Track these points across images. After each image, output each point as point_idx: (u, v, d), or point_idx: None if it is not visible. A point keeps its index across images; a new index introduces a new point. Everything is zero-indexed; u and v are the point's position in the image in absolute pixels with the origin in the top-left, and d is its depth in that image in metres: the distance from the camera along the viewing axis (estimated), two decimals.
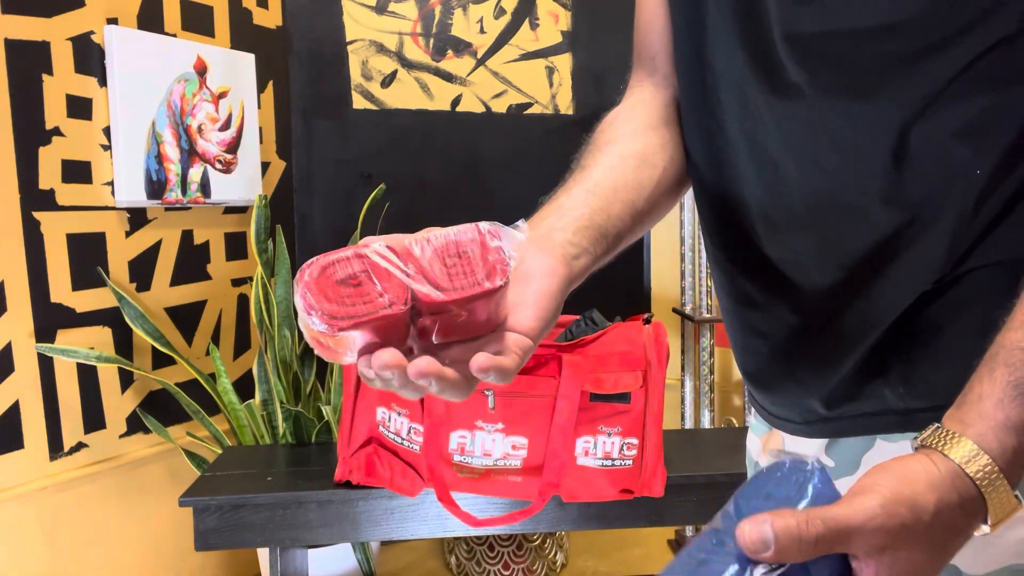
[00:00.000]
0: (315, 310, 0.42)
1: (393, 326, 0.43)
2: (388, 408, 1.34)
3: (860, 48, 0.50)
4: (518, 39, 2.13)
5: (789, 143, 0.55)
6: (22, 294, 1.67)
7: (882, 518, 0.39)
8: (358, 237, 1.96)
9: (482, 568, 2.14)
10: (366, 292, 0.42)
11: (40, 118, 1.69)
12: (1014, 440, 0.41)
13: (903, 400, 0.51)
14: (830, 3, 0.50)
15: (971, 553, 0.48)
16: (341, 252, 0.44)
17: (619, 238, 0.61)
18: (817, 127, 0.54)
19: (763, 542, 0.38)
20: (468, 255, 0.46)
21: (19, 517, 1.66)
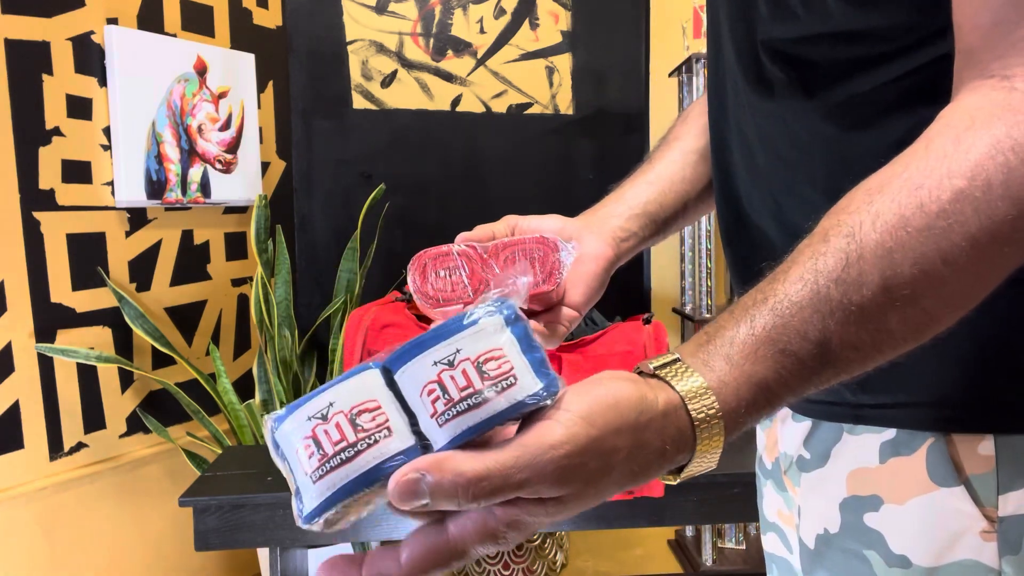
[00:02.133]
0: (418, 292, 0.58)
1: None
2: None
3: (821, 51, 0.54)
4: (518, 39, 2.13)
5: (761, 135, 0.61)
6: (22, 294, 1.67)
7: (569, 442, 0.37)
8: (358, 237, 1.96)
9: (482, 568, 2.14)
10: (456, 281, 0.58)
11: (40, 118, 1.69)
12: (750, 395, 0.41)
13: (855, 395, 0.54)
14: (802, 13, 0.54)
15: (923, 543, 0.52)
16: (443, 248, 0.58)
17: (668, 223, 0.70)
18: (781, 122, 0.58)
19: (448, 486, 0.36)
20: (535, 260, 0.59)
21: (19, 517, 1.66)
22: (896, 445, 0.53)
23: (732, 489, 1.42)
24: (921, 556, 0.53)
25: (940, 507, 0.52)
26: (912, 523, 0.53)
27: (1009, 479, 0.51)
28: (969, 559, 0.51)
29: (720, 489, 1.44)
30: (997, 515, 0.51)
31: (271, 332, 1.92)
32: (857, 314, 0.41)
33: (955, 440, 0.51)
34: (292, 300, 1.97)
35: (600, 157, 2.14)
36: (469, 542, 0.38)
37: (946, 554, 0.52)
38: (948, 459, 0.51)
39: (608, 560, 2.34)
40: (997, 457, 0.51)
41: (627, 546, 2.42)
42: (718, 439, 0.41)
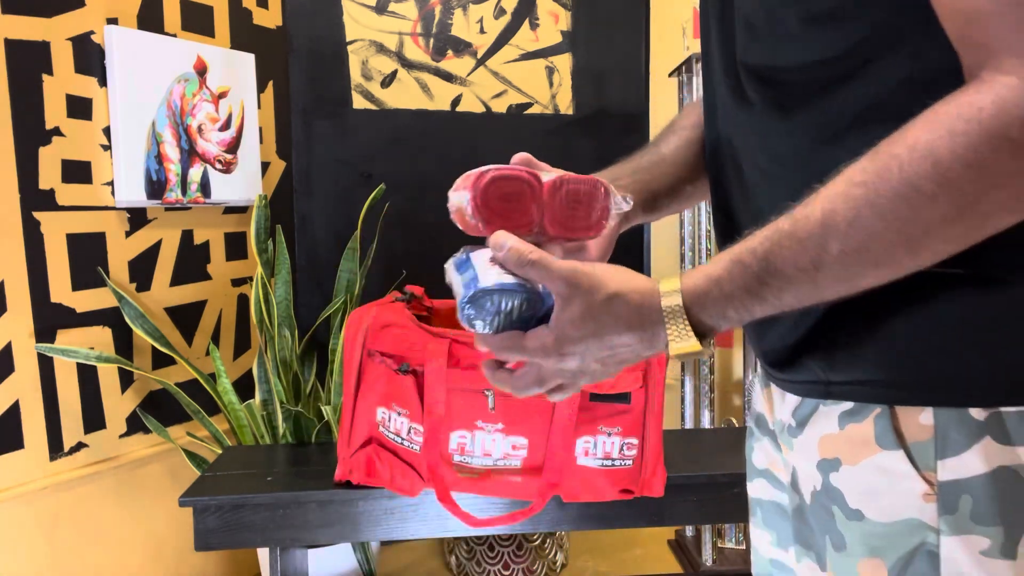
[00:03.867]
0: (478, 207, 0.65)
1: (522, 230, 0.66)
2: (388, 408, 1.33)
3: (791, 76, 0.62)
4: (518, 39, 2.13)
5: (744, 147, 0.69)
6: (22, 294, 1.67)
7: (569, 275, 0.60)
8: (358, 237, 1.96)
9: (482, 568, 2.14)
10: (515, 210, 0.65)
11: (40, 118, 1.69)
12: (705, 287, 0.58)
13: (826, 375, 0.63)
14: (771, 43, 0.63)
15: (874, 500, 0.61)
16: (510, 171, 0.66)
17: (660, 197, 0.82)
18: (761, 136, 0.66)
19: (500, 245, 0.62)
20: (585, 203, 0.67)
21: (19, 517, 1.66)
22: (852, 414, 0.62)
23: (732, 489, 1.42)
24: (872, 512, 0.61)
25: (886, 468, 0.60)
26: (864, 481, 0.61)
27: (947, 447, 0.57)
28: (913, 518, 0.59)
29: (720, 489, 1.44)
30: (937, 479, 0.58)
31: (271, 332, 1.92)
32: (800, 241, 0.53)
33: (898, 411, 0.59)
34: (292, 300, 1.97)
35: (600, 157, 2.13)
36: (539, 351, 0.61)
37: (892, 512, 0.60)
38: (891, 427, 0.59)
39: (608, 560, 2.34)
40: (936, 427, 0.58)
41: (627, 546, 2.42)
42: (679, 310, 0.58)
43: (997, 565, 0.57)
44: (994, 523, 0.57)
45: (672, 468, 1.38)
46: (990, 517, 0.57)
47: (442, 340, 1.28)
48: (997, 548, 0.57)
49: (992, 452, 0.57)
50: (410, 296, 1.47)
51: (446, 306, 1.56)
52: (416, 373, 1.29)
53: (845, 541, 0.63)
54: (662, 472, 1.35)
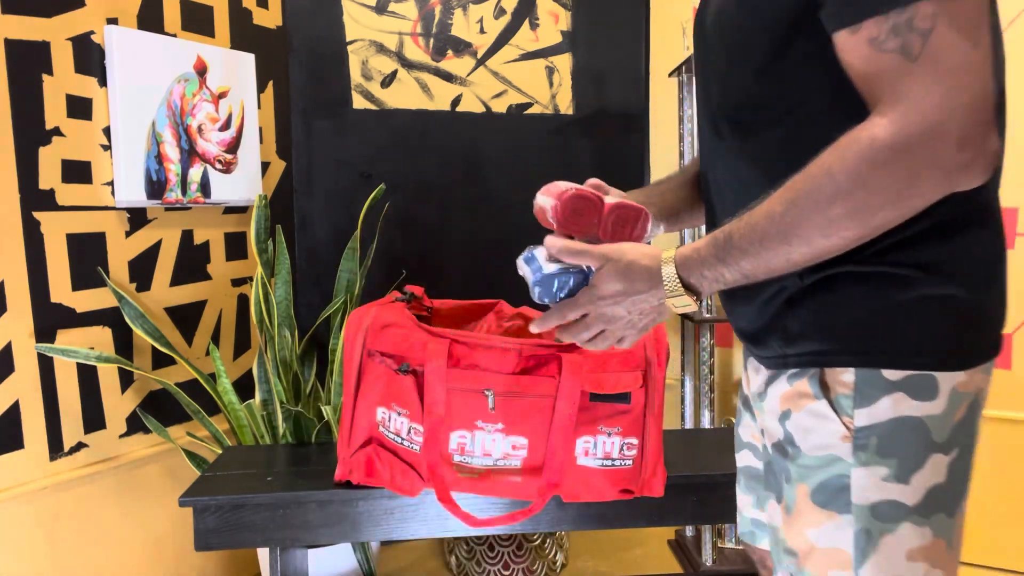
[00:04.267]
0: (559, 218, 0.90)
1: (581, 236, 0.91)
2: (388, 408, 1.33)
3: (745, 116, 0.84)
4: (518, 39, 2.14)
5: (722, 170, 0.91)
6: (22, 294, 1.67)
7: (601, 253, 0.84)
8: (358, 237, 1.96)
9: (482, 568, 2.14)
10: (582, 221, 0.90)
11: (40, 118, 1.69)
12: (689, 253, 0.81)
13: (783, 349, 0.85)
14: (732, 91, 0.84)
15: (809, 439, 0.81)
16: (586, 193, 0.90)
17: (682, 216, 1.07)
18: (729, 162, 0.88)
19: (554, 245, 0.85)
20: (631, 224, 0.92)
21: (19, 517, 1.66)
22: (797, 375, 0.83)
23: (732, 489, 1.41)
24: (806, 447, 0.82)
25: (817, 413, 0.81)
26: (803, 424, 0.82)
27: (863, 399, 0.78)
28: (833, 455, 0.80)
29: (720, 489, 1.44)
30: (853, 424, 0.79)
31: (271, 332, 1.92)
32: (751, 226, 0.75)
33: (828, 372, 0.80)
34: (292, 300, 1.97)
35: (600, 157, 2.14)
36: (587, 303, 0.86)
37: (819, 447, 0.81)
38: (821, 383, 0.81)
39: (608, 560, 2.34)
40: (855, 384, 0.78)
41: (627, 546, 2.42)
42: (672, 267, 0.81)
43: (892, 487, 0.78)
44: (893, 457, 0.77)
45: (672, 468, 1.38)
46: (890, 453, 0.77)
47: (442, 340, 1.28)
48: (893, 475, 0.78)
49: (896, 405, 0.77)
50: (410, 296, 1.47)
51: (446, 306, 1.56)
52: (416, 373, 1.29)
53: (791, 474, 0.84)
54: (662, 472, 1.35)
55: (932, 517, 0.78)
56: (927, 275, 0.76)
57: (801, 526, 0.82)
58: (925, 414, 0.77)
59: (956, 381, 0.77)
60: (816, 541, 0.81)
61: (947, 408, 0.77)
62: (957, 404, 0.77)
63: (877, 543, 0.78)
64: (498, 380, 1.27)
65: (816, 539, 0.81)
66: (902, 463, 0.77)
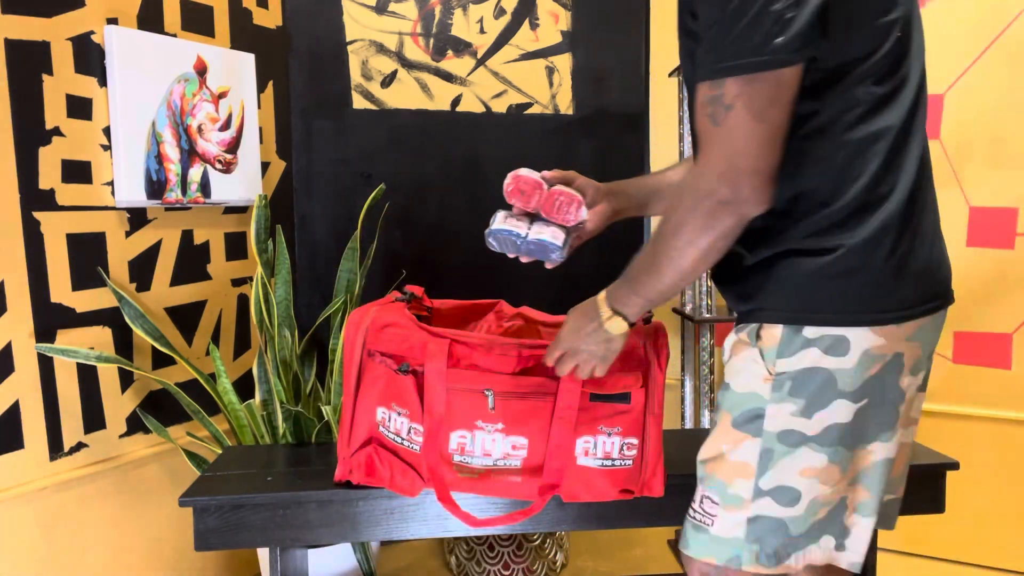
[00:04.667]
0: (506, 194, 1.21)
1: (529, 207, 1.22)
2: (388, 408, 1.33)
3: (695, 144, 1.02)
4: (518, 39, 2.14)
5: None
6: (22, 294, 1.67)
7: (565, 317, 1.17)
8: (358, 237, 1.96)
9: (482, 568, 2.14)
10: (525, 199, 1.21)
11: (40, 118, 1.69)
12: (612, 287, 1.08)
13: (737, 307, 1.07)
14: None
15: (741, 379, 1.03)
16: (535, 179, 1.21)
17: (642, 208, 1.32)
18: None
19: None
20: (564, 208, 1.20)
21: (19, 517, 1.66)
22: (742, 328, 1.05)
23: None
24: (736, 385, 1.04)
25: (749, 358, 1.02)
26: (738, 366, 1.04)
27: (785, 351, 0.98)
28: (755, 392, 1.01)
29: None
30: (775, 370, 0.99)
31: (271, 332, 1.92)
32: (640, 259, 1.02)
33: (764, 327, 1.01)
34: (292, 300, 1.97)
35: (600, 157, 2.14)
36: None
37: (746, 386, 1.02)
38: (757, 336, 1.02)
39: (608, 560, 2.34)
40: (781, 338, 0.98)
41: (627, 546, 2.42)
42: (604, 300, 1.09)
43: (797, 420, 0.98)
44: (801, 397, 0.98)
45: (672, 468, 1.38)
46: (799, 394, 0.98)
47: (442, 340, 1.28)
48: (799, 411, 0.98)
49: (811, 357, 0.96)
50: (410, 296, 1.47)
51: (446, 306, 1.56)
52: (416, 373, 1.29)
53: (720, 404, 1.07)
54: (662, 472, 1.35)
55: (829, 447, 0.99)
56: (838, 254, 0.94)
57: (718, 441, 1.04)
58: (835, 367, 0.96)
59: (869, 344, 0.95)
60: (727, 454, 1.03)
61: (858, 364, 0.96)
62: (869, 363, 0.96)
63: (776, 461, 1.00)
64: (498, 380, 1.27)
65: (727, 452, 1.03)
66: (809, 403, 0.97)
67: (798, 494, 1.00)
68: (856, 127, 0.93)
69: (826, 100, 0.92)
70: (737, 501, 1.02)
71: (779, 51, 0.84)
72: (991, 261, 2.21)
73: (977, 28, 2.16)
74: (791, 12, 0.83)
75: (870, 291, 0.95)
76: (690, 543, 1.07)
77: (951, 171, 2.24)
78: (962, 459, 1.55)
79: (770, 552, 1.02)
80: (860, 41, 0.90)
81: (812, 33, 0.85)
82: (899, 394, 1.00)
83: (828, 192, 0.94)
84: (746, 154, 0.88)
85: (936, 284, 1.02)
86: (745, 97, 0.86)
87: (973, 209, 2.23)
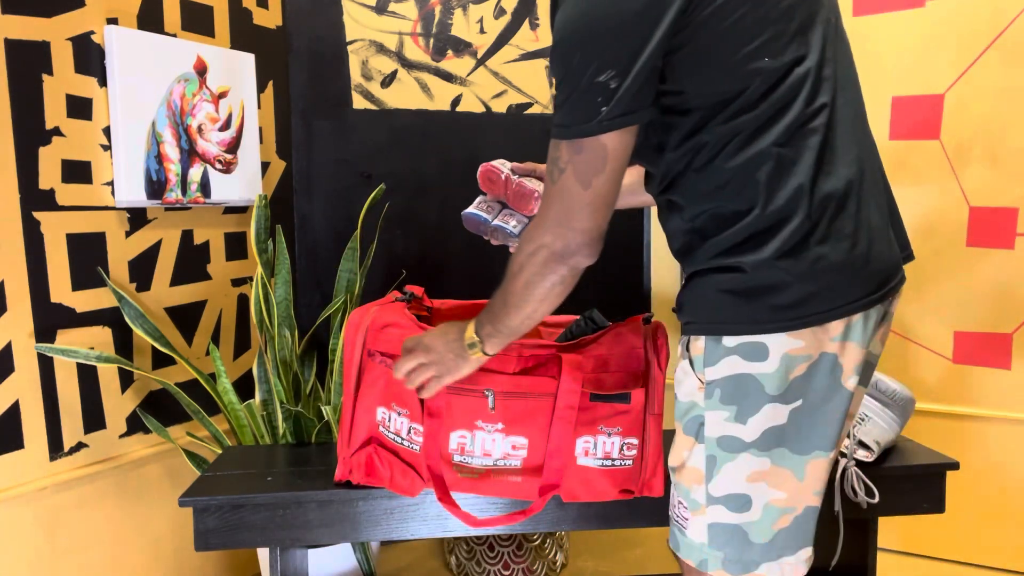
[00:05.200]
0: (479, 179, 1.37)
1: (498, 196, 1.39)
2: (388, 408, 1.33)
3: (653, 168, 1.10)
4: (518, 39, 2.14)
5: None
6: (22, 294, 1.67)
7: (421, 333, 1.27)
8: (358, 237, 1.96)
9: (482, 568, 2.14)
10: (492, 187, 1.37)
11: (40, 118, 1.69)
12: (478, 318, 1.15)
13: (680, 319, 1.08)
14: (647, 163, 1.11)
15: (682, 389, 1.07)
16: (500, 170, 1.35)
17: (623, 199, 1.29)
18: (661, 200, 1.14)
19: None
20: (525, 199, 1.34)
21: (19, 517, 1.66)
22: (683, 342, 1.09)
23: None
24: (680, 395, 1.08)
25: (684, 370, 1.07)
26: (680, 378, 1.08)
27: (709, 360, 1.02)
28: (694, 401, 1.05)
29: None
30: (704, 379, 1.03)
31: (271, 332, 1.92)
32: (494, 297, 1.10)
33: (691, 339, 1.05)
34: (292, 300, 1.97)
35: None
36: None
37: (685, 395, 1.07)
38: (687, 348, 1.06)
39: (608, 560, 2.34)
40: (705, 348, 1.02)
41: (627, 546, 2.42)
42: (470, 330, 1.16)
43: (732, 426, 1.01)
44: (733, 404, 1.01)
45: None
46: (730, 401, 1.01)
47: None
48: (733, 417, 1.01)
49: (733, 365, 1.00)
50: (410, 296, 1.47)
51: (446, 306, 1.56)
52: None
53: (676, 411, 1.09)
54: (662, 472, 1.35)
55: (772, 451, 1.01)
56: (743, 272, 0.98)
57: (679, 448, 1.09)
58: (758, 372, 0.99)
59: (787, 348, 0.98)
60: (686, 460, 1.07)
61: (780, 367, 0.98)
62: (791, 365, 0.98)
63: (720, 467, 1.03)
64: (498, 380, 1.27)
65: (686, 458, 1.07)
66: (741, 409, 1.00)
67: (748, 499, 1.02)
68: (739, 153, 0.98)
69: (714, 131, 0.98)
70: (696, 506, 1.06)
71: (603, 119, 0.92)
72: (991, 261, 2.21)
73: (977, 28, 2.16)
74: (615, 83, 0.91)
75: (782, 300, 0.98)
76: (679, 544, 1.11)
77: (951, 171, 2.24)
78: (962, 459, 1.55)
79: (733, 559, 1.04)
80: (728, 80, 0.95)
81: (637, 101, 0.93)
82: (845, 395, 1.02)
83: (730, 213, 0.99)
84: (575, 215, 0.98)
85: (863, 282, 1.00)
86: (574, 164, 0.96)
87: (973, 209, 2.23)
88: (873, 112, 2.32)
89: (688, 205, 1.02)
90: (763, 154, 0.96)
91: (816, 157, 0.97)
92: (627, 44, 0.90)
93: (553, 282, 1.02)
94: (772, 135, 0.96)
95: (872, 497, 1.44)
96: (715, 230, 1.00)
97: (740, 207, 0.98)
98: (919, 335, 2.33)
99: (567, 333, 1.35)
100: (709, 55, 0.94)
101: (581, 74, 0.91)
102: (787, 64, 0.96)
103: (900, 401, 1.54)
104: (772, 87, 0.96)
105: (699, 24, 0.92)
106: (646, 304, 2.26)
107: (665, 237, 1.12)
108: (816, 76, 0.98)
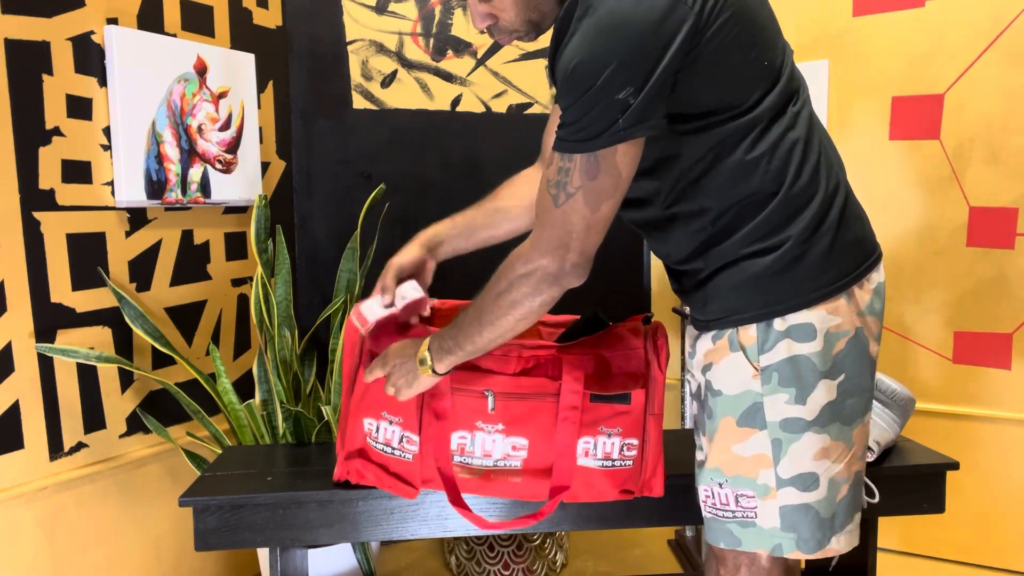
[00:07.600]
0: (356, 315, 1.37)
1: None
2: (377, 418, 1.33)
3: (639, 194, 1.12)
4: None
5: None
6: (22, 294, 1.67)
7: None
8: (358, 237, 1.96)
9: (482, 568, 2.14)
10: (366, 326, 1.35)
11: (40, 118, 1.69)
12: (436, 335, 1.19)
13: (703, 316, 1.14)
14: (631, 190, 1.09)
15: (728, 382, 1.10)
16: (361, 317, 1.36)
17: (483, 239, 1.42)
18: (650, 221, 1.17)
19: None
20: (412, 306, 1.35)
21: (19, 517, 1.66)
22: (718, 336, 1.11)
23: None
24: (727, 389, 1.10)
25: (734, 362, 1.09)
26: (724, 373, 1.10)
27: (764, 346, 1.06)
28: (749, 390, 1.08)
29: None
30: (760, 366, 1.07)
31: (271, 332, 1.92)
32: (464, 315, 1.13)
33: (739, 330, 1.08)
34: (292, 300, 1.97)
35: None
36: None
37: (737, 387, 1.09)
38: (736, 339, 1.09)
39: (608, 560, 2.34)
40: (757, 336, 1.07)
41: (627, 546, 2.42)
42: (423, 348, 1.20)
43: (794, 408, 1.06)
44: (790, 386, 1.06)
45: (672, 468, 1.38)
46: (787, 383, 1.06)
47: None
48: (792, 399, 1.06)
49: (787, 347, 1.05)
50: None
51: (446, 306, 1.56)
52: None
53: (714, 411, 1.12)
54: (662, 472, 1.35)
55: (828, 426, 1.07)
56: (780, 250, 1.05)
57: (726, 445, 1.11)
58: (810, 352, 1.05)
59: (828, 325, 1.05)
60: (741, 452, 1.09)
61: (825, 346, 1.05)
62: (833, 341, 1.06)
63: (786, 449, 1.07)
64: (498, 381, 1.27)
65: (741, 451, 1.09)
66: (799, 390, 1.06)
67: (816, 477, 1.07)
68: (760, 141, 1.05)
69: (732, 129, 1.04)
70: (766, 491, 1.09)
71: (619, 129, 0.96)
72: (991, 261, 2.21)
73: (977, 28, 2.16)
74: (632, 99, 0.95)
75: (815, 271, 1.06)
76: (740, 538, 1.13)
77: (951, 171, 2.24)
78: (962, 459, 1.55)
79: (807, 537, 1.09)
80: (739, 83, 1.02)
81: (649, 112, 0.96)
82: (872, 362, 1.12)
83: (762, 198, 1.06)
84: (577, 238, 1.02)
85: (870, 242, 1.13)
86: (586, 189, 0.99)
87: (973, 209, 2.23)
88: (873, 112, 2.32)
89: (713, 205, 1.07)
90: (783, 138, 1.05)
91: (818, 137, 1.09)
92: (645, 61, 0.95)
93: (542, 302, 1.05)
94: (784, 122, 1.05)
95: (872, 497, 1.44)
96: (749, 217, 1.06)
97: (772, 188, 1.05)
98: (919, 335, 2.33)
99: (567, 333, 1.35)
100: (721, 64, 1.00)
101: (601, 91, 0.94)
102: (779, 63, 1.07)
103: (900, 401, 1.54)
104: (775, 82, 1.05)
105: (707, 40, 0.98)
106: (646, 304, 2.26)
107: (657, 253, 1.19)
108: (792, 73, 1.10)
